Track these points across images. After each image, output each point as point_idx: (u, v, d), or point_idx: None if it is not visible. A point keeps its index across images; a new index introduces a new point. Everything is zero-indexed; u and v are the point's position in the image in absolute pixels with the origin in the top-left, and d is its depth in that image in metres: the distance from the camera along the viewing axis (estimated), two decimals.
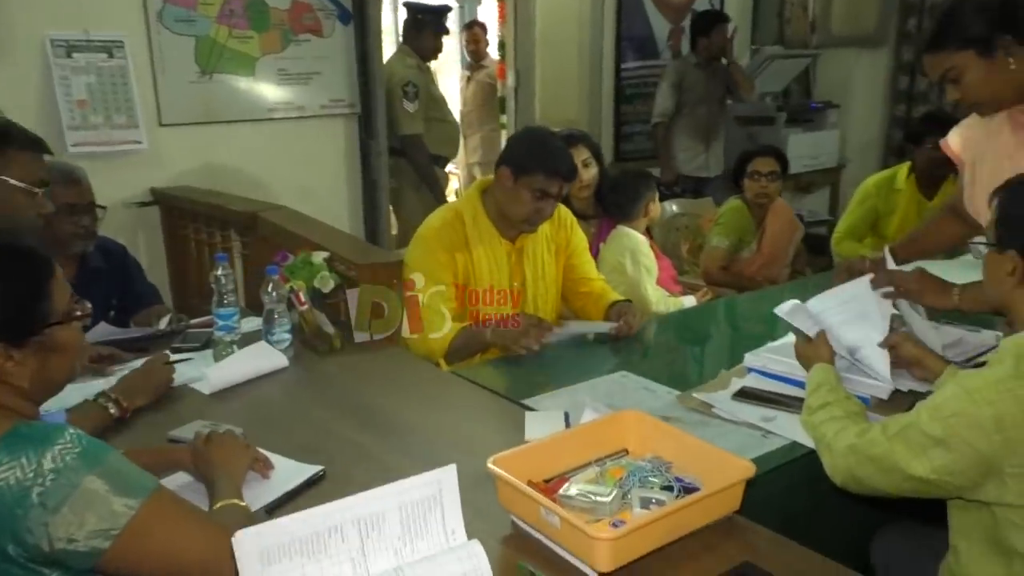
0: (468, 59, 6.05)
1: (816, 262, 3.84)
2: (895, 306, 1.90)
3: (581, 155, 2.77)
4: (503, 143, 5.41)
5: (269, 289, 2.03)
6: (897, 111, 5.95)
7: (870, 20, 5.85)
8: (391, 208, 4.16)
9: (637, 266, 2.74)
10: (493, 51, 5.98)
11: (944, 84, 1.79)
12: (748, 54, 5.63)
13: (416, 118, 3.99)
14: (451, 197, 4.98)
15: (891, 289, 1.85)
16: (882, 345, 1.71)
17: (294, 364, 2.01)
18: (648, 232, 2.96)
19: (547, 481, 1.32)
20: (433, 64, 4.25)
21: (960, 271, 2.60)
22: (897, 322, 1.93)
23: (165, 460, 1.44)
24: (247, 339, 2.08)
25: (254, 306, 2.78)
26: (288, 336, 2.06)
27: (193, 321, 2.32)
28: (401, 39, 4.24)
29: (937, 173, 3.36)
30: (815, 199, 5.80)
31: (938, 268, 2.66)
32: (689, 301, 2.84)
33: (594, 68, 5.02)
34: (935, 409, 1.27)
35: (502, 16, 5.39)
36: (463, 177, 6.03)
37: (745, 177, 3.26)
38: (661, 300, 2.76)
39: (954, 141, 2.07)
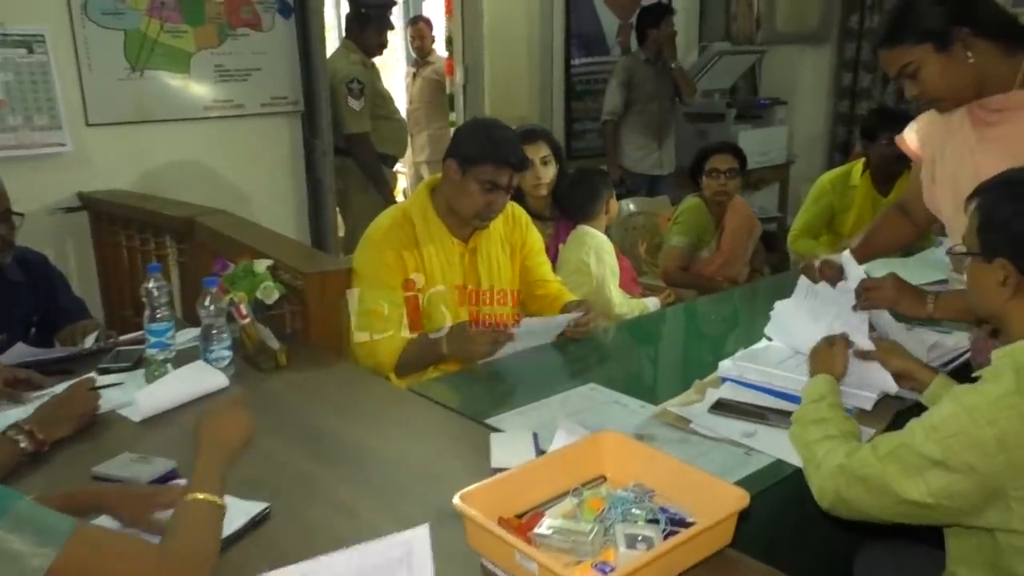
0: (413, 55, 5.89)
1: (768, 259, 3.80)
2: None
3: (540, 152, 2.65)
4: None
5: (207, 303, 1.87)
6: (841, 107, 6.00)
7: (813, 17, 5.89)
8: (337, 210, 3.99)
9: (602, 265, 2.64)
10: (439, 47, 5.83)
11: (901, 80, 1.72)
12: (696, 50, 5.60)
13: (362, 116, 3.83)
14: (400, 198, 4.82)
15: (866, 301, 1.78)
16: (869, 356, 1.63)
17: (235, 384, 1.85)
18: (606, 232, 2.86)
19: (520, 516, 1.19)
20: (377, 60, 4.09)
21: (917, 269, 2.57)
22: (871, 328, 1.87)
23: (84, 504, 1.26)
24: (183, 356, 1.93)
25: (193, 318, 2.61)
26: (228, 353, 1.90)
27: (123, 337, 2.13)
28: (344, 34, 4.06)
29: (892, 169, 3.34)
30: (764, 195, 5.80)
31: (895, 268, 2.63)
32: (652, 303, 2.75)
33: (544, 65, 4.93)
34: (932, 429, 1.18)
35: (449, 11, 5.24)
36: (411, 176, 5.86)
37: (703, 175, 3.18)
38: (624, 302, 2.67)
39: (910, 138, 2.01)
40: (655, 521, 1.15)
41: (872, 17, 5.71)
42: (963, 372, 1.82)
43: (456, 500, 1.13)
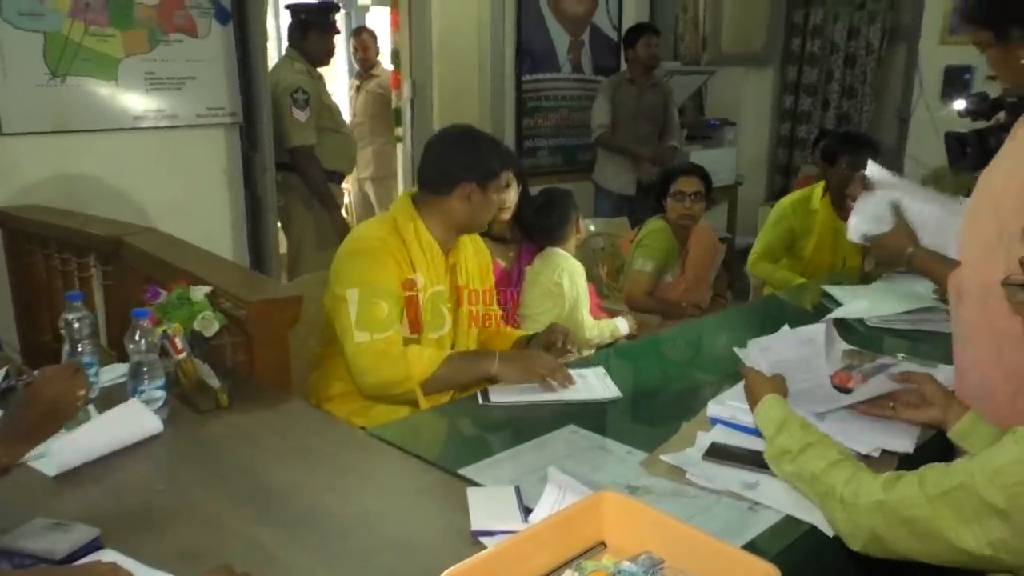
0: (356, 67, 5.69)
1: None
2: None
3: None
4: (399, 156, 5.10)
5: (136, 337, 1.65)
6: (783, 129, 6.05)
7: (758, 40, 5.92)
8: (280, 228, 3.76)
9: (575, 287, 2.53)
10: (383, 60, 5.64)
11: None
12: None
13: (307, 128, 3.62)
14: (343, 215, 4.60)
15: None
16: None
17: (170, 428, 1.63)
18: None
19: None
20: (321, 71, 3.89)
21: (892, 299, 2.49)
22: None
23: None
24: (108, 395, 1.70)
25: (121, 348, 2.37)
26: (162, 393, 1.68)
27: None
28: (287, 44, 3.85)
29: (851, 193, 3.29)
30: (714, 216, 5.76)
31: (867, 297, 2.54)
32: (623, 324, 2.63)
33: (495, 81, 4.79)
34: (996, 473, 1.06)
35: (395, 24, 5.06)
36: (354, 193, 5.64)
37: (668, 197, 3.08)
38: (594, 325, 2.57)
39: None
40: None
41: (813, 42, 5.78)
42: None
43: None
